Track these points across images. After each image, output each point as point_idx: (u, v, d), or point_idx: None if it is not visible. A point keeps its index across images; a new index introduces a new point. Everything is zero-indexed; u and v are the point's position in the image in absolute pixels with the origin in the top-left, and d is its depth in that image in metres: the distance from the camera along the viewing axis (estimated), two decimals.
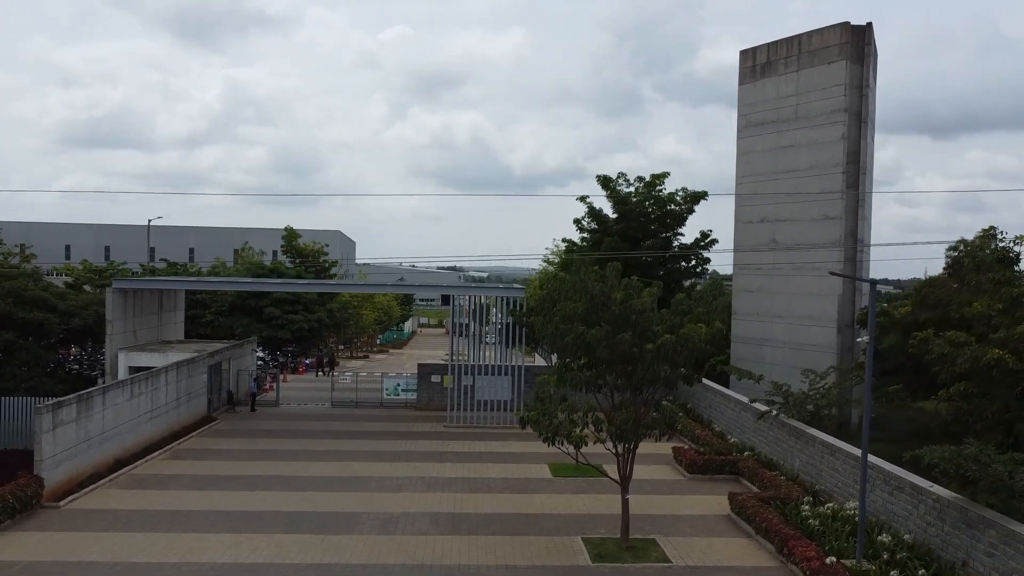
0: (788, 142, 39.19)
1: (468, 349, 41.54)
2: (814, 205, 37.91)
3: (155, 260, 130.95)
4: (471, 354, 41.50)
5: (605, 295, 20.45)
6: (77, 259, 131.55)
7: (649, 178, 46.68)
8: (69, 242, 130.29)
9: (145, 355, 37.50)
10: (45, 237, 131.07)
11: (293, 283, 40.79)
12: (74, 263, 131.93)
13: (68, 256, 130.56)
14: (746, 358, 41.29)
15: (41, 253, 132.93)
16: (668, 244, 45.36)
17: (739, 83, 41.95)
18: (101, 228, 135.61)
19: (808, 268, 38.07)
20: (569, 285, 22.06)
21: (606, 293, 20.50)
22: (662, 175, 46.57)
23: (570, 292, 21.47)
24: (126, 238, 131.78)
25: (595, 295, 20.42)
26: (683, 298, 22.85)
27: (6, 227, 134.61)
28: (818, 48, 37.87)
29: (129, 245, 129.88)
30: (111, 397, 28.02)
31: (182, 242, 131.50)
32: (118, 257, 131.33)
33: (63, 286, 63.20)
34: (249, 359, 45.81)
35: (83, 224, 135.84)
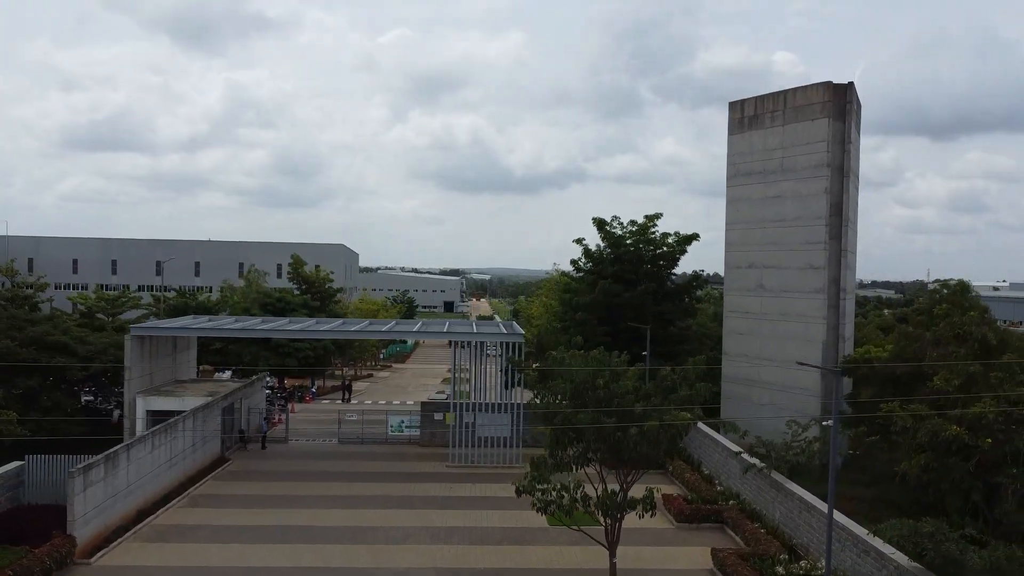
0: (774, 193, 40.99)
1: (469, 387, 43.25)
2: (799, 254, 39.71)
3: (161, 272, 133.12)
4: (472, 393, 43.24)
5: (590, 380, 22.21)
6: (84, 273, 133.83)
7: (643, 219, 48.57)
8: (76, 256, 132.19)
9: (161, 399, 39.40)
10: (53, 251, 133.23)
11: (308, 331, 42.61)
12: (82, 279, 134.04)
13: (76, 270, 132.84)
14: (736, 396, 43.16)
15: (49, 267, 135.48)
16: (662, 284, 47.14)
17: (728, 133, 43.77)
18: (108, 242, 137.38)
19: (794, 315, 39.89)
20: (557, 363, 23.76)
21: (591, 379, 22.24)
22: (655, 216, 48.46)
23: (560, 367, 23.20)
24: (133, 252, 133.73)
25: (580, 382, 22.17)
26: (667, 374, 24.55)
27: (14, 241, 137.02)
28: (802, 105, 39.66)
29: (136, 259, 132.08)
30: (134, 453, 29.89)
31: (187, 256, 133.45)
32: (125, 270, 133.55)
33: (76, 314, 65.18)
34: (259, 396, 47.68)
35: (90, 238, 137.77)
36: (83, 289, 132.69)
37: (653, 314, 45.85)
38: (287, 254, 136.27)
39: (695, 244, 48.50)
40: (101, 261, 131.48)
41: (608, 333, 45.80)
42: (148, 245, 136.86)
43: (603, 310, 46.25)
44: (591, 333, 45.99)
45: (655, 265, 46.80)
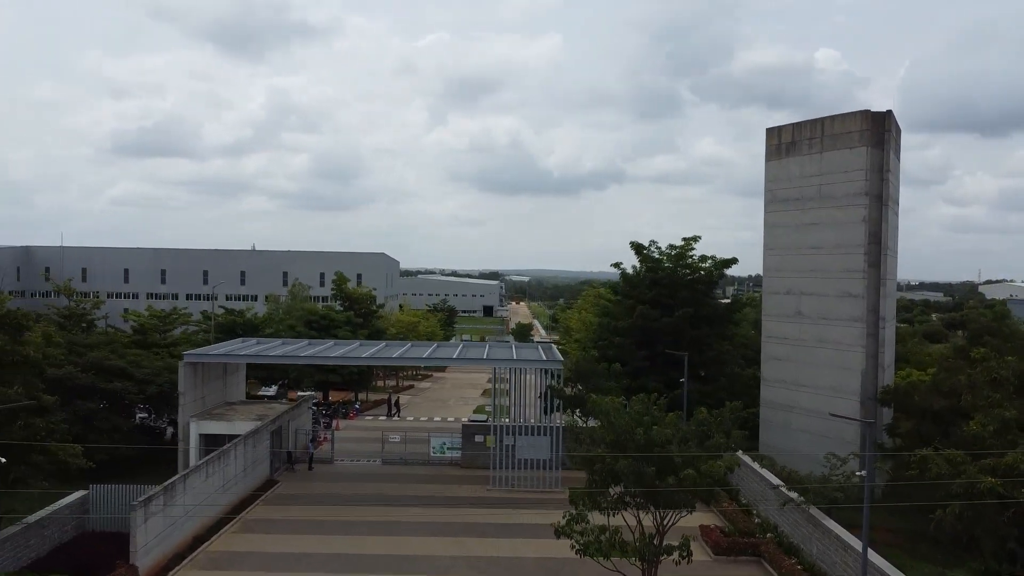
0: (812, 220, 41.10)
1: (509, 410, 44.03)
2: (837, 282, 39.78)
3: (208, 282, 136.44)
4: (512, 415, 44.04)
5: (630, 430, 22.85)
6: (135, 282, 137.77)
7: (682, 241, 48.94)
8: (128, 266, 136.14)
9: (213, 423, 40.98)
10: (105, 261, 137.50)
11: (349, 357, 43.94)
12: (133, 288, 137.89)
13: (127, 279, 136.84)
14: (774, 422, 43.35)
15: (101, 277, 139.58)
16: (700, 308, 47.33)
17: (765, 159, 43.94)
18: (158, 252, 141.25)
19: (832, 342, 39.97)
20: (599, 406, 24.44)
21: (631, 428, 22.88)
22: (693, 238, 48.80)
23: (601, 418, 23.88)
24: (181, 262, 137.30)
25: (620, 431, 22.83)
26: (705, 417, 25.02)
27: (70, 252, 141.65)
28: (840, 133, 39.72)
29: (184, 268, 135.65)
30: (191, 482, 31.32)
31: (233, 265, 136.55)
32: (173, 279, 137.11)
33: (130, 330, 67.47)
34: (305, 417, 49.12)
35: (141, 249, 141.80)
36: (134, 297, 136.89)
37: (691, 338, 46.19)
38: (329, 263, 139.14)
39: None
40: (151, 271, 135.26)
41: (646, 357, 46.29)
42: (196, 255, 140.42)
43: (641, 334, 46.73)
44: (629, 357, 46.52)
45: (692, 290, 47.10)
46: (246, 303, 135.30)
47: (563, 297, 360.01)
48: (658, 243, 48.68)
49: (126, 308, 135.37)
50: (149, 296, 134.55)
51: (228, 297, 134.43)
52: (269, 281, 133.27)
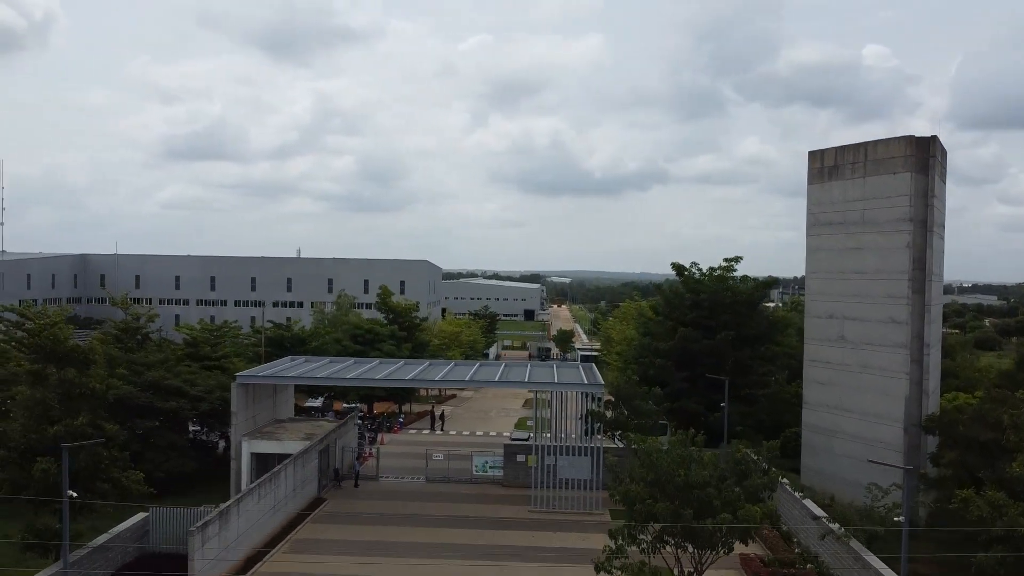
0: (855, 244, 40.93)
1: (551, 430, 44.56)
2: (881, 307, 39.57)
3: (256, 289, 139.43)
4: (554, 435, 44.59)
5: (670, 472, 23.31)
6: (186, 289, 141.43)
7: (723, 262, 49.02)
8: (179, 273, 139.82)
9: (264, 442, 42.37)
10: (157, 269, 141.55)
11: (393, 379, 45.03)
12: (183, 295, 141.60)
13: (178, 286, 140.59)
14: (817, 446, 43.26)
15: (153, 283, 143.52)
16: (741, 329, 47.36)
17: (808, 182, 43.85)
18: (207, 260, 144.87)
19: (876, 368, 39.77)
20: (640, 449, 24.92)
21: (671, 470, 23.34)
22: (735, 259, 48.84)
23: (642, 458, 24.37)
24: (230, 269, 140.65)
25: (661, 472, 23.30)
26: (742, 457, 25.35)
27: (123, 260, 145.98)
28: (883, 158, 39.51)
29: (232, 275, 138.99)
30: (244, 505, 32.59)
31: (280, 272, 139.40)
32: (222, 286, 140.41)
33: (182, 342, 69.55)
34: (351, 435, 50.36)
35: (191, 256, 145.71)
36: (184, 303, 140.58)
37: (732, 360, 46.30)
38: (373, 270, 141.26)
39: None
40: (201, 278, 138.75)
41: (687, 379, 46.51)
42: (244, 263, 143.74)
43: (681, 356, 46.96)
44: (669, 378, 46.79)
45: (734, 312, 47.15)
46: (292, 309, 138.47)
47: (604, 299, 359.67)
48: (699, 265, 48.83)
49: (177, 315, 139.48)
50: (199, 303, 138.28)
51: (275, 304, 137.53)
52: (315, 288, 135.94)
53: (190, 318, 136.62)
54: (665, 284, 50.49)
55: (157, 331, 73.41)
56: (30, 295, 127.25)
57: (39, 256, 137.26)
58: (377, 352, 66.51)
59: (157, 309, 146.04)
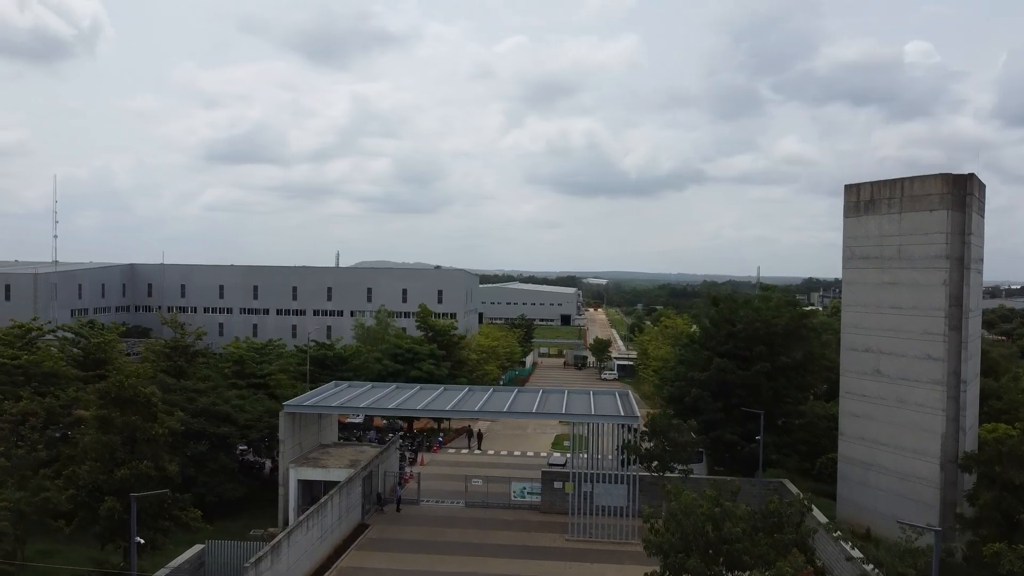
0: (891, 279, 41.14)
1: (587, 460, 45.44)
2: (917, 343, 39.76)
3: (297, 298, 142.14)
4: (590, 463, 45.43)
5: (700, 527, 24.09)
6: (229, 298, 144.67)
7: (759, 290, 49.44)
8: (222, 282, 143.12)
9: (310, 469, 43.96)
10: (202, 278, 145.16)
11: (433, 410, 46.32)
12: (227, 303, 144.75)
13: (221, 295, 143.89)
14: (852, 478, 43.54)
15: (198, 293, 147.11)
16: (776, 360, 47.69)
17: (844, 215, 44.12)
18: (250, 270, 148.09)
19: (912, 403, 39.97)
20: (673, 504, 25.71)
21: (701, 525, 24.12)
22: (770, 288, 49.24)
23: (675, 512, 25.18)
24: (272, 278, 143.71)
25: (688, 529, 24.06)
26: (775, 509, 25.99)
27: (169, 269, 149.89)
28: (920, 194, 39.69)
29: (274, 285, 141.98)
30: (294, 538, 34.07)
31: (320, 281, 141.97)
32: (265, 295, 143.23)
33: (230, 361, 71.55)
34: (393, 460, 51.79)
35: (234, 266, 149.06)
36: (228, 312, 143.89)
37: (768, 390, 46.72)
38: (411, 280, 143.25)
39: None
40: (244, 287, 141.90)
41: (722, 408, 47.05)
42: (286, 272, 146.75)
43: (717, 386, 47.50)
44: (705, 408, 47.35)
45: (770, 343, 47.50)
46: (333, 318, 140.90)
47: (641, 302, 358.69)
48: (734, 296, 49.27)
49: (221, 323, 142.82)
50: (242, 311, 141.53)
51: (316, 312, 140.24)
52: (354, 297, 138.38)
53: (233, 326, 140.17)
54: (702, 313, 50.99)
55: (206, 347, 75.78)
56: (81, 304, 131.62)
57: (89, 267, 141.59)
58: (417, 371, 67.98)
59: (201, 317, 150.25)
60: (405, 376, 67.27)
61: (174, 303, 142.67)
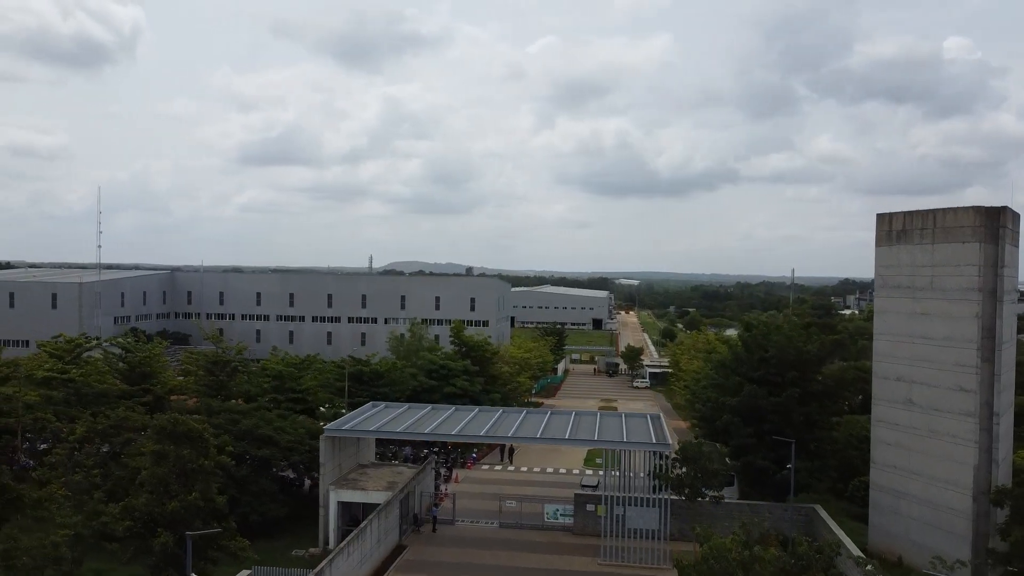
0: (923, 310, 41.32)
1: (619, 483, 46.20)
2: (949, 375, 39.91)
3: (332, 305, 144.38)
4: (622, 487, 46.19)
5: (731, 574, 24.83)
6: (266, 304, 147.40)
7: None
8: (260, 290, 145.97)
9: (349, 491, 45.38)
10: (240, 285, 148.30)
11: (466, 435, 47.30)
12: (264, 310, 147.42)
13: (259, 302, 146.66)
14: (884, 506, 43.77)
15: (236, 299, 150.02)
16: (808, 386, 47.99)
17: (876, 244, 44.35)
18: (286, 277, 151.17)
19: (944, 434, 40.14)
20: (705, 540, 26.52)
21: (731, 572, 24.85)
22: (801, 314, 49.48)
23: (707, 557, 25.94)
24: (308, 286, 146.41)
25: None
26: (804, 552, 26.62)
27: (208, 277, 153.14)
28: (952, 226, 39.83)
29: (310, 292, 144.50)
30: (336, 564, 35.34)
31: (355, 289, 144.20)
32: (301, 302, 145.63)
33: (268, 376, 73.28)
34: (429, 480, 53.01)
35: (271, 273, 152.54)
36: (264, 319, 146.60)
37: (799, 415, 47.06)
38: (444, 288, 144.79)
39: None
40: (280, 294, 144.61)
41: (753, 434, 47.48)
42: (321, 280, 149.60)
43: (748, 412, 47.93)
44: (736, 433, 47.82)
45: (801, 369, 47.80)
46: (367, 324, 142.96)
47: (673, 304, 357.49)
48: (765, 323, 49.64)
49: (258, 330, 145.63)
50: (279, 318, 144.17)
51: (350, 319, 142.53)
52: (388, 305, 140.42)
53: (270, 333, 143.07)
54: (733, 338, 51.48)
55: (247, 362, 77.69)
56: (124, 312, 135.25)
57: (131, 275, 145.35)
58: (451, 387, 69.22)
59: (239, 324, 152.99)
60: (440, 392, 68.56)
61: (213, 310, 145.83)
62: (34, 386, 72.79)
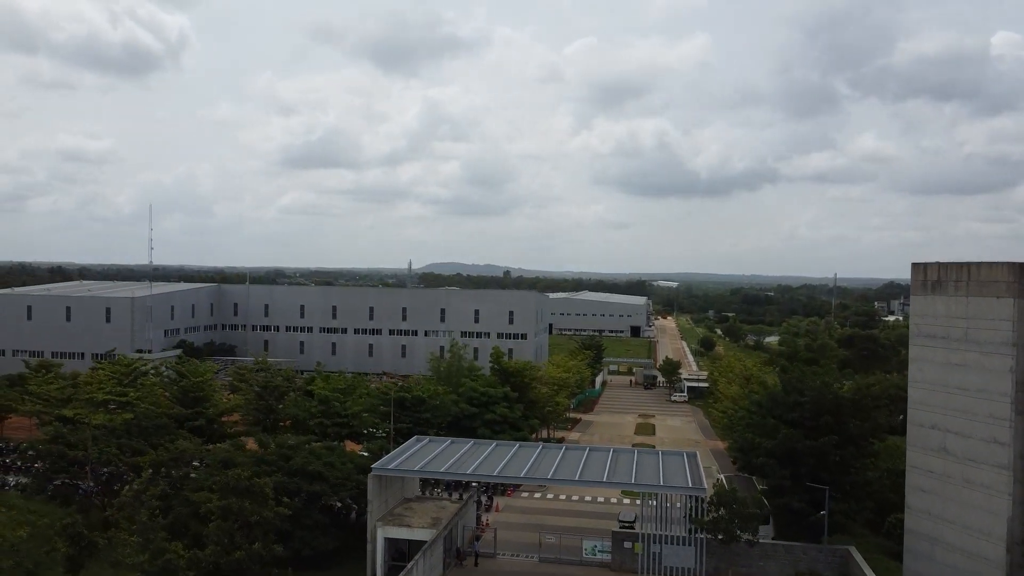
0: (957, 360, 41.86)
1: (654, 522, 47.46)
2: (984, 426, 40.43)
3: (373, 318, 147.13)
4: (657, 525, 47.45)
5: None
6: (310, 317, 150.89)
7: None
8: (303, 303, 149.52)
9: (395, 528, 47.40)
10: (284, 299, 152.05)
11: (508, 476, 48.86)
12: (307, 323, 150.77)
13: (303, 315, 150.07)
14: (919, 552, 44.38)
15: (281, 312, 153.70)
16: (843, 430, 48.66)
17: (911, 292, 45.01)
18: (328, 291, 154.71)
19: (978, 484, 40.68)
20: None
21: None
22: (834, 363, 50.35)
23: None
24: (349, 299, 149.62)
25: None
26: None
27: (254, 291, 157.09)
28: (987, 280, 40.34)
29: (352, 305, 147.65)
30: None
31: (396, 302, 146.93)
32: (343, 315, 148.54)
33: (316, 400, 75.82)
34: (471, 513, 54.82)
35: (315, 287, 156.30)
36: (308, 331, 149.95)
37: (835, 457, 47.84)
38: (483, 301, 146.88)
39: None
40: (323, 307, 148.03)
41: (789, 476, 48.39)
42: (363, 293, 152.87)
43: (784, 454, 48.82)
44: (772, 474, 48.76)
45: (837, 414, 48.51)
46: (407, 337, 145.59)
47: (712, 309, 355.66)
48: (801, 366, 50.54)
49: (302, 342, 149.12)
50: (322, 330, 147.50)
51: (391, 331, 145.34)
52: (428, 317, 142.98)
53: (314, 345, 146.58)
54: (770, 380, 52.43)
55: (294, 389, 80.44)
56: (173, 325, 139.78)
57: (181, 289, 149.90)
58: (491, 414, 70.98)
59: (284, 336, 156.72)
60: (480, 419, 70.39)
61: (258, 322, 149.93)
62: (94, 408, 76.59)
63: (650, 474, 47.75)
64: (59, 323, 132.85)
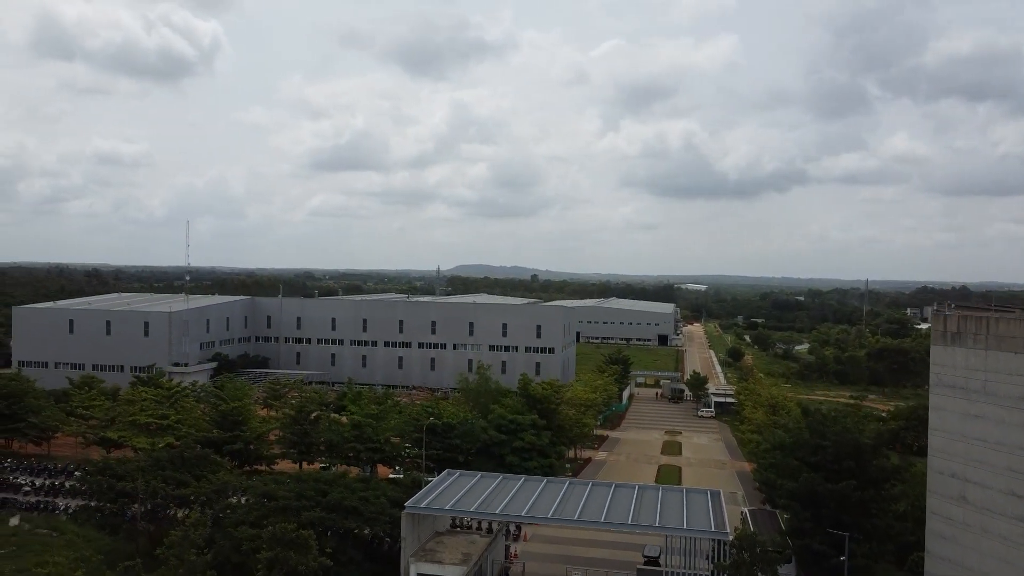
0: (977, 412, 42.69)
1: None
2: (1002, 479, 41.24)
3: (403, 331, 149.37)
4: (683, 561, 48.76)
5: None
6: (340, 329, 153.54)
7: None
8: (334, 315, 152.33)
9: (427, 564, 49.20)
10: (315, 311, 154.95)
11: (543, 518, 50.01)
12: (338, 335, 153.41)
13: (333, 327, 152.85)
14: None
15: (312, 325, 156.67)
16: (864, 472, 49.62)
17: (932, 342, 45.82)
18: (359, 303, 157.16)
19: (997, 535, 41.52)
20: None
21: None
22: (860, 397, 51.23)
23: None
24: (379, 312, 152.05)
25: None
26: None
27: (287, 304, 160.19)
28: (1005, 335, 41.14)
29: (382, 318, 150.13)
30: None
31: (425, 315, 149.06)
32: (373, 327, 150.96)
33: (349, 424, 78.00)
34: (500, 546, 56.55)
35: (345, 300, 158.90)
36: (339, 343, 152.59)
37: (856, 500, 48.79)
38: (511, 315, 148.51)
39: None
40: (354, 319, 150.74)
41: (811, 517, 49.46)
42: (392, 306, 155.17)
43: (806, 496, 49.88)
44: (793, 515, 49.86)
45: (858, 458, 49.45)
46: (436, 350, 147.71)
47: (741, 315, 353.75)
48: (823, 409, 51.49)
49: (333, 354, 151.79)
50: (352, 343, 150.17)
51: (420, 344, 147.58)
52: (457, 331, 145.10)
53: (344, 357, 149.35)
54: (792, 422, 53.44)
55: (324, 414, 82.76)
56: (209, 338, 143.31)
57: (216, 302, 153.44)
58: (519, 440, 72.68)
59: (315, 348, 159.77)
60: (508, 446, 72.14)
61: (290, 334, 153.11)
62: (136, 431, 79.65)
63: (674, 514, 49.05)
64: (100, 337, 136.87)
